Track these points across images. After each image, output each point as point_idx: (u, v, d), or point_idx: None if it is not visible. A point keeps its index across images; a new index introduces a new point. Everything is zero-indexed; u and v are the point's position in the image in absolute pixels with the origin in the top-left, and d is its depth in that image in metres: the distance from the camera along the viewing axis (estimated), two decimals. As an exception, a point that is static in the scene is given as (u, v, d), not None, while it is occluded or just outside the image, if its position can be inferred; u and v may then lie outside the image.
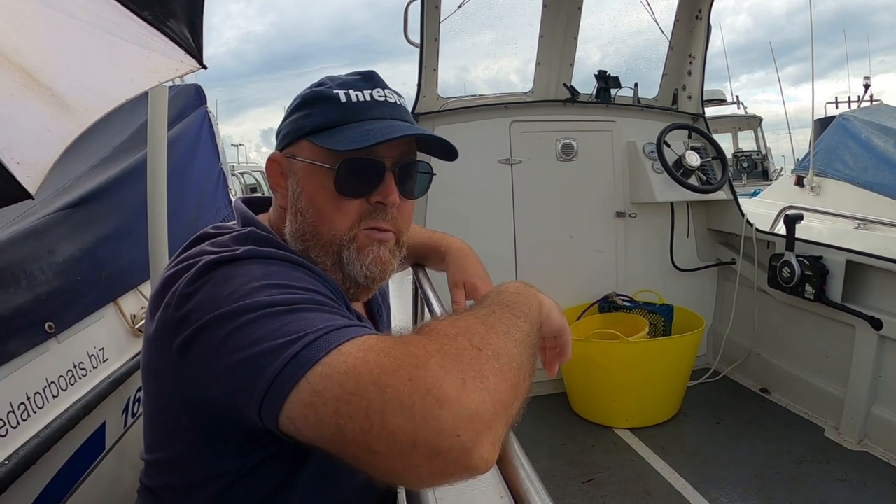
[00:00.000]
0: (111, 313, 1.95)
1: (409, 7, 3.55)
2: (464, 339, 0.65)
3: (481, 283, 1.27)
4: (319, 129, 0.90)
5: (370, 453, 0.59)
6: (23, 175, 1.32)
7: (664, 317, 3.73)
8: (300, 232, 0.92)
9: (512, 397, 0.63)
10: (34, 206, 1.85)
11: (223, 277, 0.76)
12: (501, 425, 0.61)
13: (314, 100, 0.93)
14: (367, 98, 0.92)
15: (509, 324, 0.72)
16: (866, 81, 9.97)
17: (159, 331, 0.78)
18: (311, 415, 0.62)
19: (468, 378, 0.59)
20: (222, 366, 0.69)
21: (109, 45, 1.22)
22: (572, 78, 4.10)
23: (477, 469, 0.58)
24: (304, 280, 0.79)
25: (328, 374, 0.62)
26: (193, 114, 3.08)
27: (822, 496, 2.59)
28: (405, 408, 0.57)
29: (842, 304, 3.08)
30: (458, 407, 0.57)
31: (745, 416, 3.41)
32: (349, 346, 0.64)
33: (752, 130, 12.45)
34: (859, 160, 5.10)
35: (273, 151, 0.98)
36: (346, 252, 0.91)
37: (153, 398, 0.86)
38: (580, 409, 3.60)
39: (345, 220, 0.91)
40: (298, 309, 0.70)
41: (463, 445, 0.56)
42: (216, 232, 0.90)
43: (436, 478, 0.59)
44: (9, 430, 1.36)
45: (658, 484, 2.76)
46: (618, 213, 4.01)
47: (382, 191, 0.92)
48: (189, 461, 0.84)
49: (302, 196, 0.92)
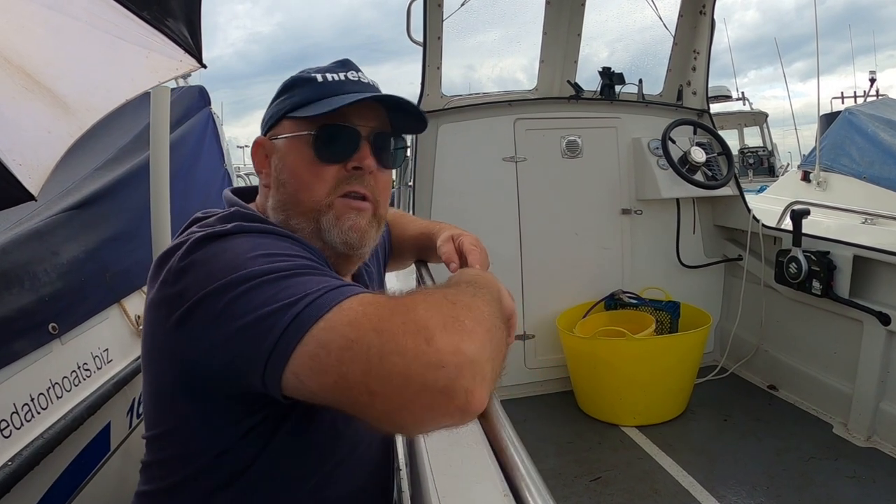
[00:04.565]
0: (115, 314, 1.96)
1: (411, 5, 3.55)
2: (439, 295, 0.72)
3: (470, 245, 1.29)
4: (298, 107, 0.97)
5: (369, 394, 0.63)
6: (25, 177, 1.33)
7: (671, 314, 3.71)
8: (281, 203, 0.98)
9: (488, 340, 0.68)
10: (38, 207, 1.86)
11: (215, 251, 0.79)
12: (484, 362, 0.65)
13: (293, 83, 1.00)
14: (341, 77, 0.99)
15: (476, 291, 0.79)
16: (871, 76, 9.92)
17: (157, 308, 0.81)
18: (315, 365, 0.66)
19: (448, 322, 0.65)
20: (223, 334, 0.72)
21: (109, 46, 1.23)
22: (577, 75, 4.09)
23: (465, 403, 0.62)
24: (291, 249, 0.82)
25: (332, 326, 0.66)
26: (197, 115, 3.09)
27: (830, 493, 2.56)
28: (399, 346, 0.62)
29: (849, 299, 3.06)
30: (442, 343, 0.62)
31: (752, 413, 3.39)
32: (349, 302, 0.69)
33: (757, 126, 12.40)
34: (865, 155, 5.06)
35: (258, 136, 1.04)
36: (325, 218, 0.96)
37: (151, 377, 0.89)
38: (587, 407, 3.58)
39: (323, 185, 0.96)
40: (292, 275, 0.74)
41: (448, 377, 0.61)
42: (205, 215, 0.95)
43: (426, 413, 0.64)
44: (13, 431, 1.36)
45: (665, 482, 2.75)
46: (623, 210, 3.99)
47: (359, 156, 0.97)
48: (182, 433, 0.87)
49: (283, 169, 0.98)
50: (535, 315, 3.88)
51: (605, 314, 3.83)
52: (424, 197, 3.74)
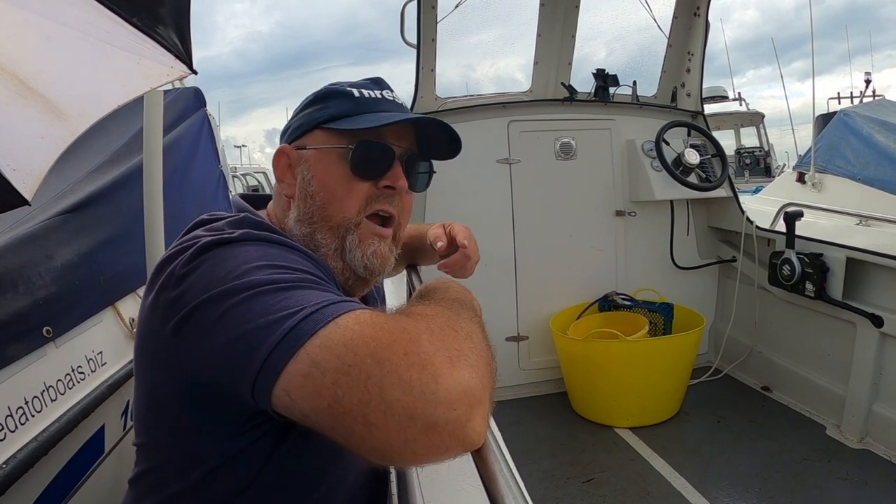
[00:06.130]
0: (109, 317, 1.97)
1: (405, 7, 3.56)
2: (441, 320, 0.70)
3: (461, 229, 1.32)
4: (335, 118, 0.95)
5: (366, 426, 0.60)
6: (19, 182, 1.33)
7: (664, 315, 3.73)
8: (308, 215, 0.95)
9: (489, 375, 0.67)
10: (32, 211, 1.87)
11: (219, 258, 0.77)
12: (488, 400, 0.64)
13: (328, 95, 0.98)
14: (378, 95, 0.98)
15: (469, 314, 0.79)
16: (867, 77, 9.94)
17: (154, 312, 0.78)
18: (308, 385, 0.63)
19: (453, 356, 0.64)
20: (217, 343, 0.69)
21: (101, 52, 1.23)
22: (571, 76, 4.10)
23: (471, 442, 0.62)
24: (298, 262, 0.80)
25: (327, 345, 0.63)
26: (193, 117, 3.09)
27: (823, 494, 2.58)
28: (403, 381, 0.60)
29: (842, 301, 3.07)
30: (452, 382, 0.61)
31: (746, 414, 3.41)
32: (345, 319, 0.66)
33: (754, 127, 12.43)
34: (860, 156, 5.07)
35: (282, 144, 1.01)
36: (350, 237, 0.95)
37: (144, 380, 0.85)
38: (580, 408, 3.60)
39: (354, 201, 0.94)
40: (294, 287, 0.72)
41: (458, 419, 0.60)
42: (211, 218, 0.92)
43: (430, 452, 0.61)
44: (7, 433, 1.37)
45: (658, 483, 2.76)
46: (617, 212, 4.00)
47: (392, 175, 0.96)
48: (173, 445, 0.84)
49: (313, 181, 0.95)
50: (528, 316, 3.89)
51: (599, 316, 3.84)
52: (418, 199, 3.73)
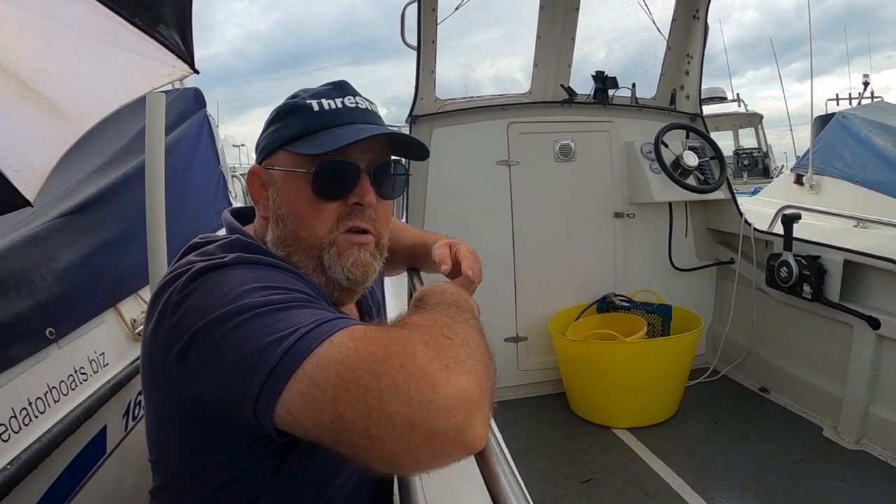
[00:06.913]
0: (111, 318, 1.96)
1: (406, 9, 3.56)
2: (436, 329, 0.71)
3: (466, 252, 1.29)
4: (295, 138, 0.94)
5: (369, 438, 0.62)
6: (21, 183, 1.34)
7: (662, 317, 3.74)
8: (281, 238, 0.96)
9: (487, 377, 0.68)
10: (34, 212, 1.87)
11: (213, 283, 0.78)
12: (486, 403, 0.66)
13: (288, 111, 0.97)
14: (338, 105, 0.95)
15: (465, 317, 0.80)
16: (865, 79, 9.96)
17: (156, 339, 0.80)
18: (309, 404, 0.65)
19: (449, 364, 0.65)
20: (218, 366, 0.71)
21: (102, 52, 1.24)
22: (571, 78, 4.11)
23: (473, 446, 0.63)
24: (290, 282, 0.82)
25: (324, 364, 0.65)
26: (193, 117, 3.09)
27: (820, 496, 2.59)
28: (402, 393, 0.61)
29: (839, 303, 3.08)
30: (449, 389, 0.62)
31: (743, 415, 3.42)
32: (340, 336, 0.68)
33: (752, 128, 12.45)
34: (858, 158, 5.10)
35: (253, 164, 1.02)
36: (327, 256, 0.94)
37: (153, 403, 0.88)
38: (579, 409, 3.61)
39: (324, 223, 0.94)
40: (288, 307, 0.74)
41: (458, 425, 0.61)
42: (204, 241, 0.93)
43: (433, 459, 0.63)
44: (11, 434, 1.37)
45: (656, 484, 2.77)
46: (616, 214, 4.01)
47: (359, 192, 0.95)
48: (182, 464, 0.87)
49: (282, 204, 0.95)
50: (527, 317, 3.90)
51: (598, 317, 3.85)
52: (418, 201, 3.75)
